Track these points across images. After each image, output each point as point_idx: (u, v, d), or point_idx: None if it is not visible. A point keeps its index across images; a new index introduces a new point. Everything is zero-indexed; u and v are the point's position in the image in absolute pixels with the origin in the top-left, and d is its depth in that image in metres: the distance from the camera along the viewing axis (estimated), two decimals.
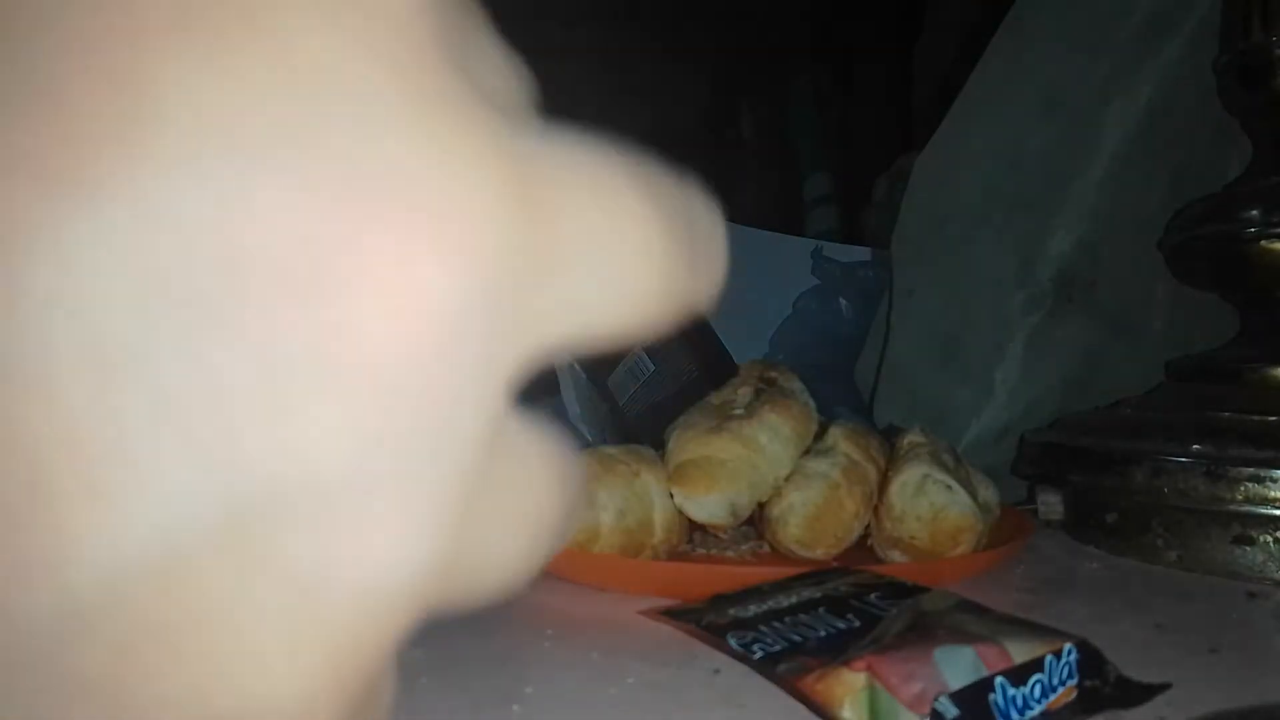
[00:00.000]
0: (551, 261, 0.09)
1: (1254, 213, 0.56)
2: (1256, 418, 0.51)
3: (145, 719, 0.08)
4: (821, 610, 0.36)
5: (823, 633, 0.33)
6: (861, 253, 0.92)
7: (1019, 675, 0.29)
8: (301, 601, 0.08)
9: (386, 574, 0.09)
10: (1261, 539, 0.48)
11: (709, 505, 0.46)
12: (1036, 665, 0.30)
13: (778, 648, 0.32)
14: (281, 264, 0.08)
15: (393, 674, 0.11)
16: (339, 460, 0.08)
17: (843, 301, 0.89)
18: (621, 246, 0.10)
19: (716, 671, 0.34)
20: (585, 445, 0.58)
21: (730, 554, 0.50)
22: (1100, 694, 0.31)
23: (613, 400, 0.65)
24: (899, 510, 0.46)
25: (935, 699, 0.28)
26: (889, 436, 0.53)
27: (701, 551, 0.50)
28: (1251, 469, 0.48)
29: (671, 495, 0.47)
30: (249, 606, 0.08)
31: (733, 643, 0.33)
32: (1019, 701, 0.29)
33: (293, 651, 0.09)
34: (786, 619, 0.35)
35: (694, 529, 0.49)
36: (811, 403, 0.51)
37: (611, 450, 0.47)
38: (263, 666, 0.09)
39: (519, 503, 0.11)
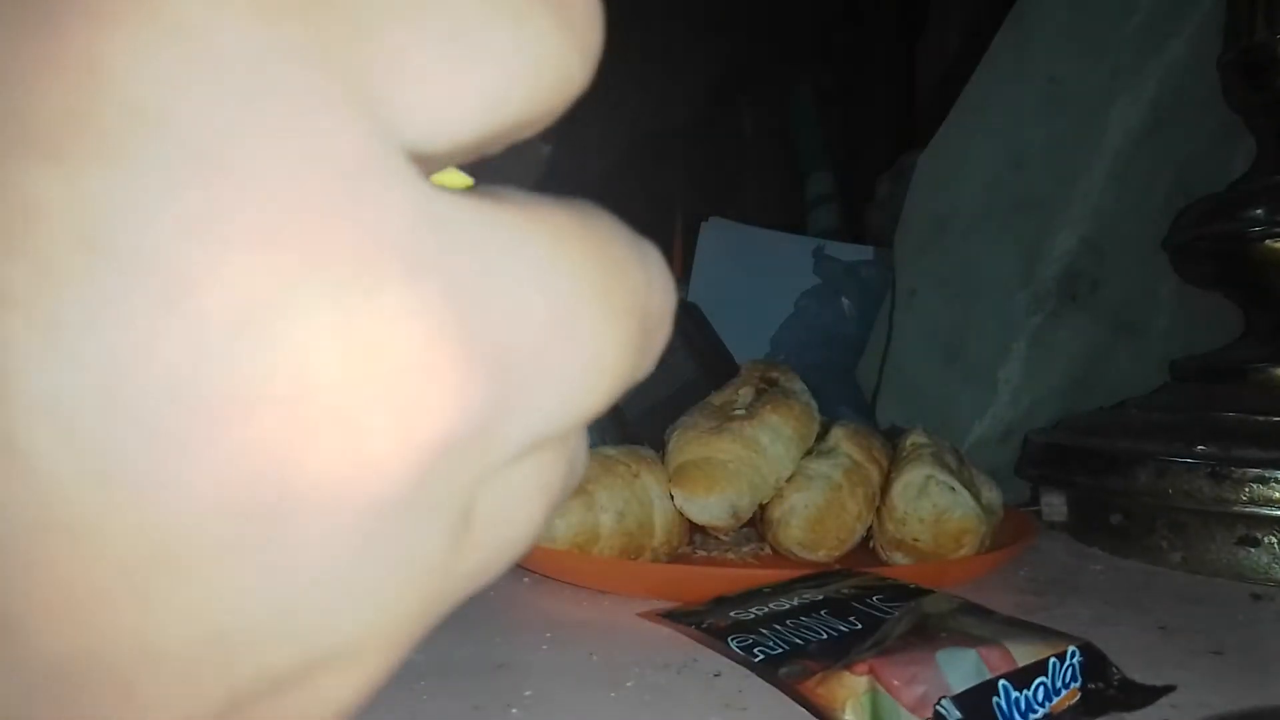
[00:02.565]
0: (506, 385, 0.09)
1: (1259, 212, 0.56)
2: (1261, 418, 0.50)
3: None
4: (823, 613, 0.35)
5: (824, 635, 0.33)
6: (864, 252, 0.92)
7: (1022, 678, 0.29)
8: None
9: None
10: (1267, 540, 0.47)
11: (710, 507, 0.46)
12: (1040, 668, 0.30)
13: (779, 650, 0.32)
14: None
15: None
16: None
17: (845, 301, 0.89)
18: (575, 345, 0.10)
19: (717, 674, 0.34)
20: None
21: (731, 556, 0.50)
22: (1104, 696, 0.31)
23: None
24: (901, 512, 0.46)
25: (938, 702, 0.28)
26: (891, 437, 0.53)
27: (702, 553, 0.50)
28: (1257, 470, 0.47)
29: (672, 496, 0.46)
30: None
31: (734, 645, 0.33)
32: (1022, 704, 0.29)
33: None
34: (788, 621, 0.35)
35: (694, 530, 0.49)
36: (813, 403, 0.51)
37: (611, 451, 0.47)
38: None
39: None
